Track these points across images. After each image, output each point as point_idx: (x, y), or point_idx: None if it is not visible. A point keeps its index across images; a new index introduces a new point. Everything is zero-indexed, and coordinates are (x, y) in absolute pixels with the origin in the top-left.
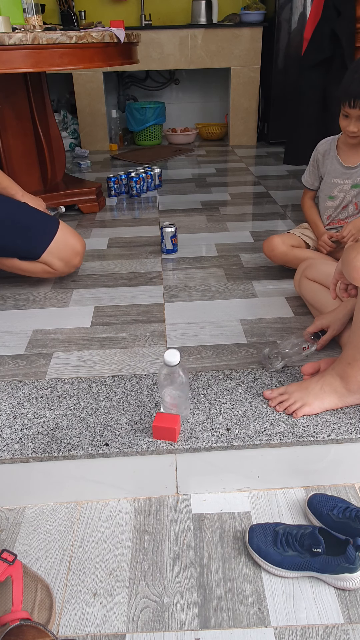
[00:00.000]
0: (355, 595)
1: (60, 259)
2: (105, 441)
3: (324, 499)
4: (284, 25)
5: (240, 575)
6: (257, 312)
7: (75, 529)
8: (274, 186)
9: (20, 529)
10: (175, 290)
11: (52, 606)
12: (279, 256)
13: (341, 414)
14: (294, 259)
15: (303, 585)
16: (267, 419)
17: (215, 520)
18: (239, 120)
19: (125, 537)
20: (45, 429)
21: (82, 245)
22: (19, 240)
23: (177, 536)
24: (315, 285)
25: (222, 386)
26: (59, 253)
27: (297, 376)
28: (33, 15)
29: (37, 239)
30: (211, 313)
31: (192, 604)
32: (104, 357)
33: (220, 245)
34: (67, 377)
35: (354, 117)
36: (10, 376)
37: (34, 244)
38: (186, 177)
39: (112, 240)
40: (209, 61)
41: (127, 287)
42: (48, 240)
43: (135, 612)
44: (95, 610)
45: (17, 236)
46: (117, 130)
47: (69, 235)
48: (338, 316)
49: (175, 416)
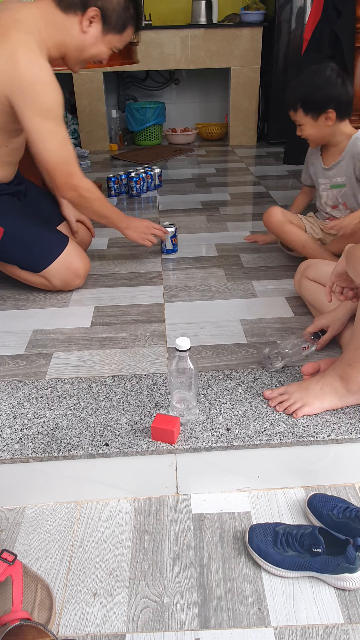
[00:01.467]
0: (355, 595)
1: (60, 279)
2: (105, 441)
3: (324, 499)
4: (284, 25)
5: (240, 575)
6: (257, 312)
7: (75, 529)
8: (274, 186)
9: (20, 529)
10: (175, 290)
11: (52, 606)
12: (275, 224)
13: (341, 414)
14: (289, 233)
15: (303, 585)
16: (267, 419)
17: (215, 520)
18: (239, 120)
19: (125, 537)
20: (45, 429)
21: (85, 269)
22: (21, 255)
23: (177, 536)
24: (315, 285)
25: (222, 386)
26: (60, 274)
27: (297, 376)
28: None
29: (39, 257)
30: (211, 313)
31: (192, 604)
32: (104, 357)
33: (220, 245)
34: (67, 377)
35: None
36: (10, 376)
37: (36, 260)
38: (186, 177)
39: (112, 240)
40: (209, 61)
41: (127, 287)
42: (49, 260)
43: (135, 612)
44: (95, 610)
45: (20, 251)
46: (117, 130)
47: (74, 258)
48: (338, 316)
49: (175, 418)
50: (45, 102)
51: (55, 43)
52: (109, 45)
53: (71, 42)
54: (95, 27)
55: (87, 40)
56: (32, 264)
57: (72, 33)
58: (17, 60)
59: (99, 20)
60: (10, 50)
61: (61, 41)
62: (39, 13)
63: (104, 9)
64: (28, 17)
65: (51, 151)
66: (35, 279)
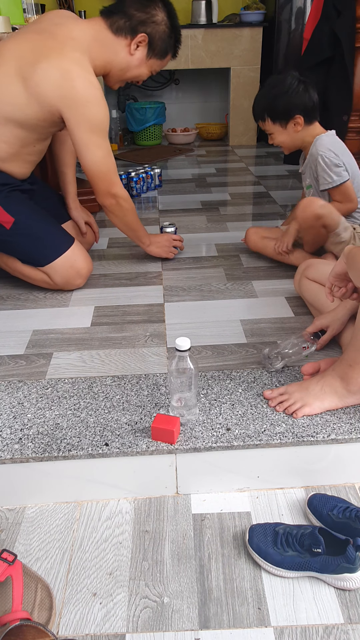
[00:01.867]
0: (355, 595)
1: (62, 277)
2: (105, 441)
3: (324, 499)
4: (284, 25)
5: (240, 575)
6: (257, 312)
7: (75, 529)
8: (274, 186)
9: (20, 529)
10: (175, 290)
11: (52, 606)
12: (251, 245)
13: (341, 414)
14: (264, 247)
15: (303, 585)
16: (267, 419)
17: (215, 520)
18: (239, 120)
19: (125, 537)
20: (45, 429)
21: (88, 270)
22: (28, 247)
23: (177, 536)
24: (315, 285)
25: (222, 386)
26: (63, 271)
27: (297, 376)
28: (33, 15)
29: (45, 250)
30: (211, 313)
31: (192, 604)
32: (104, 357)
33: (220, 245)
34: (67, 377)
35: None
36: (10, 376)
37: (43, 253)
38: (186, 177)
39: (112, 240)
40: (209, 61)
41: (127, 287)
42: (55, 255)
43: (135, 612)
44: (95, 610)
45: (27, 242)
46: (117, 130)
47: (78, 257)
48: (337, 316)
49: (175, 418)
50: (95, 118)
51: (103, 62)
52: (150, 68)
53: (117, 62)
54: (141, 51)
55: (132, 62)
56: (38, 257)
57: (120, 54)
58: (73, 78)
59: (145, 45)
60: (66, 67)
61: (108, 60)
62: (92, 33)
63: (151, 35)
64: (82, 36)
65: (97, 162)
66: (37, 276)
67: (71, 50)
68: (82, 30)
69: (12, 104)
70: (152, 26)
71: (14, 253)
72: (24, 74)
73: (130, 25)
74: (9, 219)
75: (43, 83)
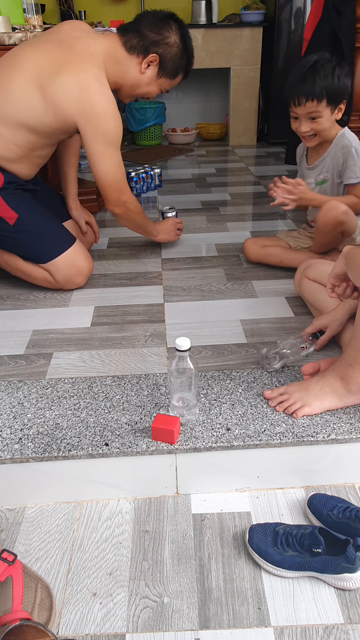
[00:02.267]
0: (355, 595)
1: (63, 275)
2: (105, 441)
3: (324, 499)
4: (284, 25)
5: (240, 575)
6: (257, 312)
7: (75, 529)
8: None
9: (20, 529)
10: (175, 290)
11: (52, 606)
12: (251, 255)
13: (341, 414)
14: (266, 255)
15: (303, 585)
16: (267, 419)
17: (215, 520)
18: (239, 120)
19: (125, 537)
20: (45, 429)
21: (89, 269)
22: (31, 243)
23: (177, 536)
24: (315, 285)
25: (222, 386)
26: (64, 269)
27: (297, 376)
28: (33, 15)
29: (48, 247)
30: (211, 313)
31: (192, 604)
32: (104, 357)
33: (220, 245)
34: (67, 377)
35: (302, 116)
36: (10, 376)
37: (46, 250)
38: (186, 177)
39: (112, 240)
40: (209, 61)
41: (127, 287)
42: (58, 252)
43: (135, 612)
44: (95, 610)
45: (30, 238)
46: None
47: (80, 256)
48: (336, 316)
49: (175, 418)
50: (110, 132)
51: (115, 77)
52: (160, 86)
53: (128, 78)
54: (152, 69)
55: (143, 80)
56: (40, 253)
57: (131, 71)
58: (92, 93)
59: (157, 65)
60: (85, 81)
61: (120, 76)
62: (107, 49)
63: (162, 55)
64: (99, 51)
65: (108, 172)
66: (38, 274)
67: (90, 66)
68: (99, 45)
69: (29, 110)
70: (164, 47)
71: (16, 249)
72: (43, 83)
73: (143, 45)
74: (12, 215)
75: (62, 95)
